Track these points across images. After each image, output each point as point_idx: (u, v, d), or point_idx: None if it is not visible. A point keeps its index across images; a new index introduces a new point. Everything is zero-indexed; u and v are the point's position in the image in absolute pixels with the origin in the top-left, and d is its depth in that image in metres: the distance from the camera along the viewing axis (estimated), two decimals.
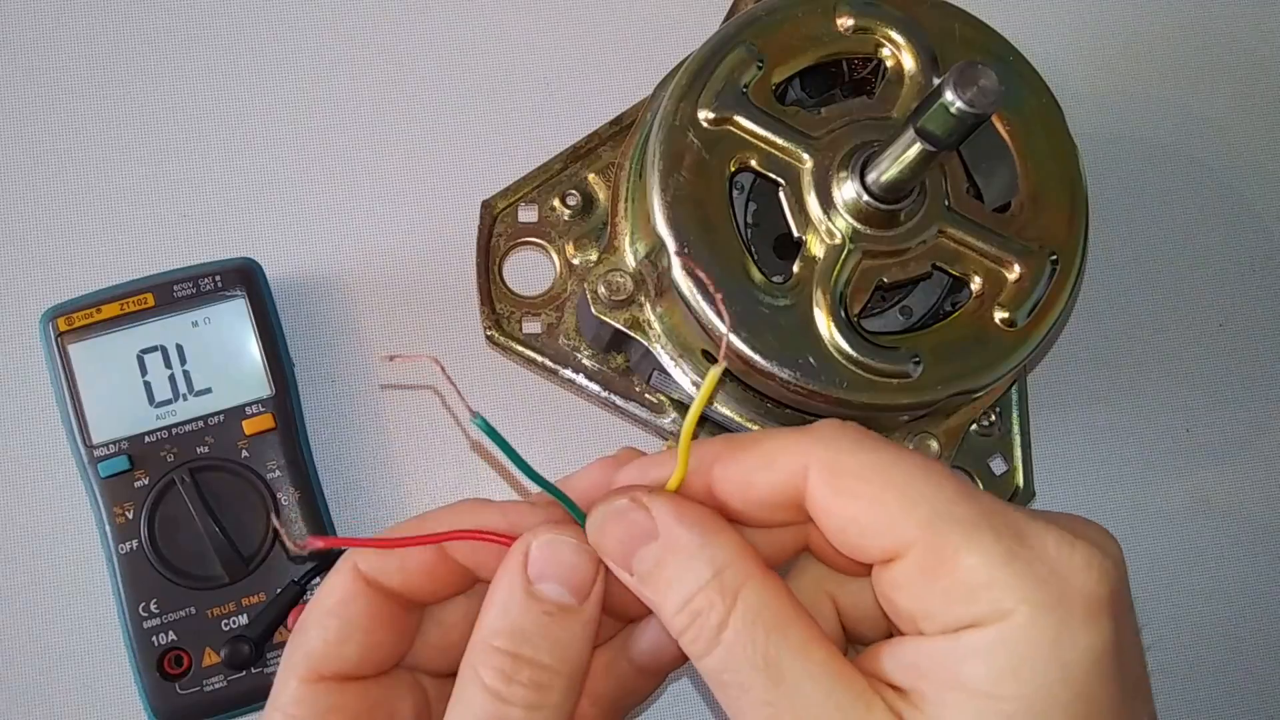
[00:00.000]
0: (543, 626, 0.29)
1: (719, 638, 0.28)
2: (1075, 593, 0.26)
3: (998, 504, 0.28)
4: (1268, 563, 0.54)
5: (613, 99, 0.52)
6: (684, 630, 0.28)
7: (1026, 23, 0.58)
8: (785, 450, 0.29)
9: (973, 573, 0.26)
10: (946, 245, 0.41)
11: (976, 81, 0.33)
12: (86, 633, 0.50)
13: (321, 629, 0.31)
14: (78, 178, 0.54)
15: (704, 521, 0.29)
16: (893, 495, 0.27)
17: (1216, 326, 0.56)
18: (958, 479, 0.28)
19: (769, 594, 0.28)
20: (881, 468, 0.28)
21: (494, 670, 0.29)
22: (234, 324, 0.49)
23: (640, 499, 0.30)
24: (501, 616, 0.30)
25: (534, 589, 0.30)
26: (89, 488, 0.47)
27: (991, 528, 0.26)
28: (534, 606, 0.29)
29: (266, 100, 0.55)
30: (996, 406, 0.51)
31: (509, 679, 0.29)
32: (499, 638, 0.29)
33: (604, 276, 0.43)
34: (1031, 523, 0.27)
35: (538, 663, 0.29)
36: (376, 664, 0.32)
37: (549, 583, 0.30)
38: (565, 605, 0.30)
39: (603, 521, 0.30)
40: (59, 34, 0.55)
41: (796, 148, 0.41)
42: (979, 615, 0.26)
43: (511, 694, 0.29)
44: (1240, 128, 0.58)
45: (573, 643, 0.30)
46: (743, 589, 0.28)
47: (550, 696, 0.29)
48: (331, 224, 0.54)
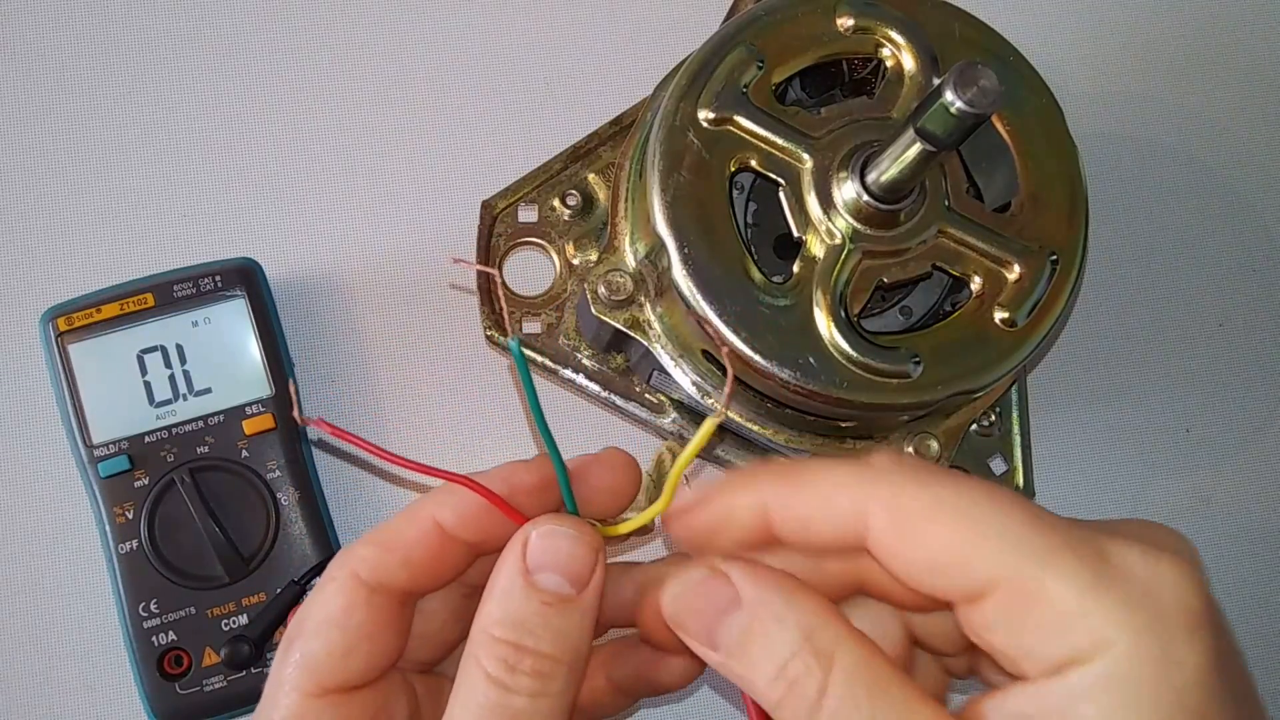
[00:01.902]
0: (543, 616, 0.29)
1: (820, 704, 0.27)
2: (1171, 610, 0.25)
3: (1074, 526, 0.27)
4: (1268, 563, 0.54)
5: (613, 99, 0.52)
6: (780, 701, 0.27)
7: (1026, 23, 0.58)
8: (843, 489, 0.28)
9: (1064, 603, 0.25)
10: (946, 245, 0.41)
11: (976, 81, 0.33)
12: (86, 633, 0.50)
13: (324, 640, 0.30)
14: (78, 178, 0.54)
15: (782, 582, 0.29)
16: (965, 533, 0.26)
17: (1216, 326, 0.56)
18: (1025, 503, 0.27)
19: (864, 653, 0.27)
20: (948, 503, 0.27)
21: (497, 660, 0.29)
22: (234, 324, 0.49)
23: (718, 566, 0.29)
24: (502, 607, 0.30)
25: (533, 579, 0.30)
26: (89, 488, 0.47)
27: (1074, 553, 0.26)
28: (534, 597, 0.30)
29: (266, 100, 0.55)
30: (996, 406, 0.51)
31: (512, 669, 0.29)
32: (499, 628, 0.29)
33: (604, 276, 0.43)
34: (1112, 541, 0.26)
35: (539, 652, 0.29)
36: (380, 668, 0.31)
37: (547, 573, 0.30)
38: (564, 595, 0.30)
39: (682, 596, 0.30)
40: (59, 34, 0.55)
41: (796, 148, 0.41)
42: (1079, 648, 0.25)
43: (516, 683, 0.29)
44: (1240, 128, 0.58)
45: (573, 632, 0.30)
46: (837, 651, 0.27)
47: (553, 685, 0.29)
48: (331, 224, 0.54)
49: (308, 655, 0.30)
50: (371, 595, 0.31)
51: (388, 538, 0.32)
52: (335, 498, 0.51)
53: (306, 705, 0.30)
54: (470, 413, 0.53)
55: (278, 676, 0.30)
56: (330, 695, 0.30)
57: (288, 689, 0.30)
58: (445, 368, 0.53)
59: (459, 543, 0.32)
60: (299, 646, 0.30)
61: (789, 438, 0.44)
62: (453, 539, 0.32)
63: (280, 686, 0.30)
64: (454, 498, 0.32)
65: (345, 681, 0.30)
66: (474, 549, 0.32)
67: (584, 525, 0.31)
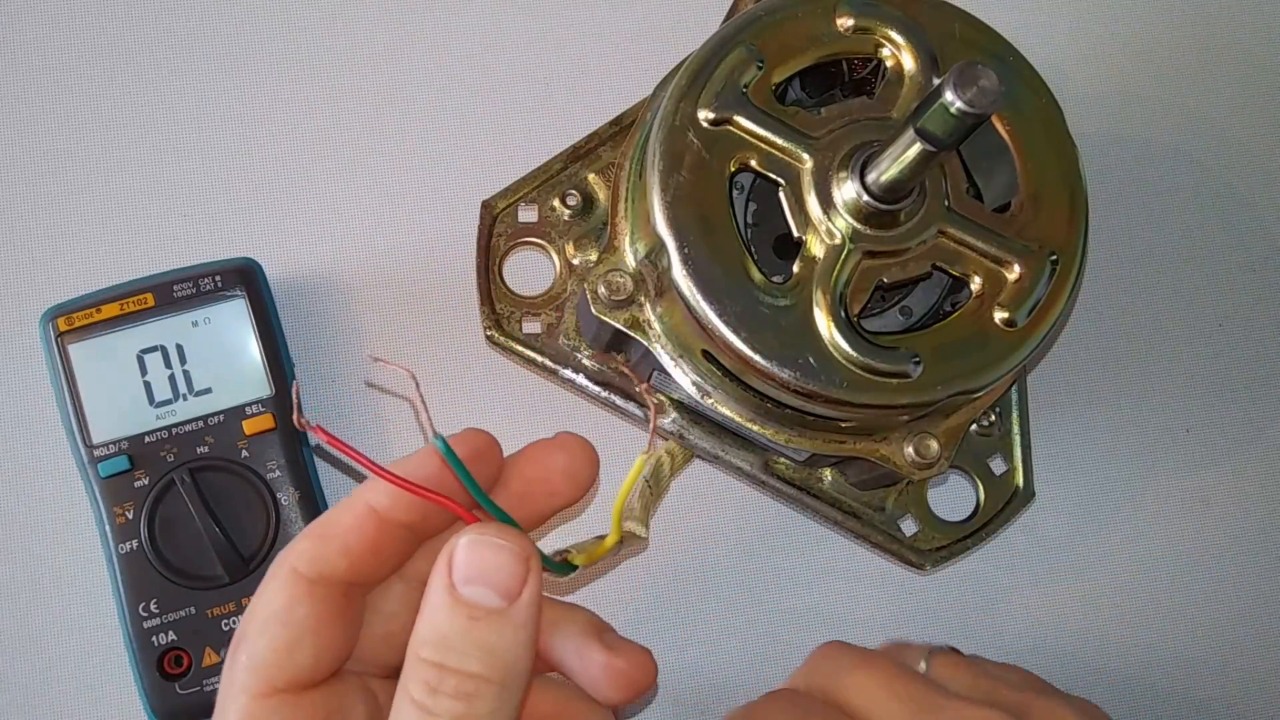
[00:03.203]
0: (468, 633, 0.28)
1: None
2: None
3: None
4: (1268, 563, 0.54)
5: (613, 99, 0.52)
6: None
7: (1026, 23, 0.58)
8: None
9: None
10: (946, 245, 0.41)
11: (976, 81, 0.33)
12: (86, 633, 0.50)
13: (269, 638, 0.30)
14: (78, 178, 0.54)
15: None
16: None
17: (1216, 326, 0.56)
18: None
19: None
20: None
21: (420, 683, 0.28)
22: (234, 324, 0.49)
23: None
24: (428, 626, 0.29)
25: (458, 594, 0.29)
26: (89, 488, 0.47)
27: None
28: (459, 612, 0.28)
29: (266, 100, 0.55)
30: (996, 406, 0.51)
31: (434, 690, 0.28)
32: (425, 648, 0.28)
33: (604, 276, 0.43)
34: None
35: (464, 671, 0.28)
36: (330, 665, 0.31)
37: (473, 586, 0.29)
38: (492, 609, 0.28)
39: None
40: (59, 34, 0.55)
41: (796, 148, 0.41)
42: None
43: (437, 706, 0.28)
44: (1240, 128, 0.58)
45: (503, 647, 0.28)
46: None
47: (479, 705, 0.28)
48: (331, 224, 0.54)
49: (253, 655, 0.30)
50: (312, 588, 0.30)
51: (323, 528, 0.31)
52: (335, 498, 0.51)
53: (256, 706, 0.29)
54: (470, 413, 0.53)
55: (227, 680, 0.30)
56: (280, 695, 0.29)
57: (236, 692, 0.29)
58: (445, 368, 0.53)
59: (397, 525, 0.31)
60: (244, 648, 0.30)
61: (789, 437, 0.44)
62: (390, 522, 0.31)
63: (229, 690, 0.30)
64: (376, 488, 0.31)
65: (294, 679, 0.30)
66: (416, 532, 0.31)
67: (513, 533, 0.30)
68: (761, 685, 0.51)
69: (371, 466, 0.30)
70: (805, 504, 0.50)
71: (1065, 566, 0.53)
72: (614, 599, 0.52)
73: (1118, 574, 0.53)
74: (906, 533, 0.51)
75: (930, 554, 0.51)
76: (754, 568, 0.52)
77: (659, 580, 0.52)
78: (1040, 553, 0.53)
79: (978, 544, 0.51)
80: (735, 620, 0.51)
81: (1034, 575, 0.53)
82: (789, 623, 0.52)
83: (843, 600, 0.52)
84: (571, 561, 0.35)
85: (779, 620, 0.52)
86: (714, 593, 0.52)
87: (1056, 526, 0.53)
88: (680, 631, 0.51)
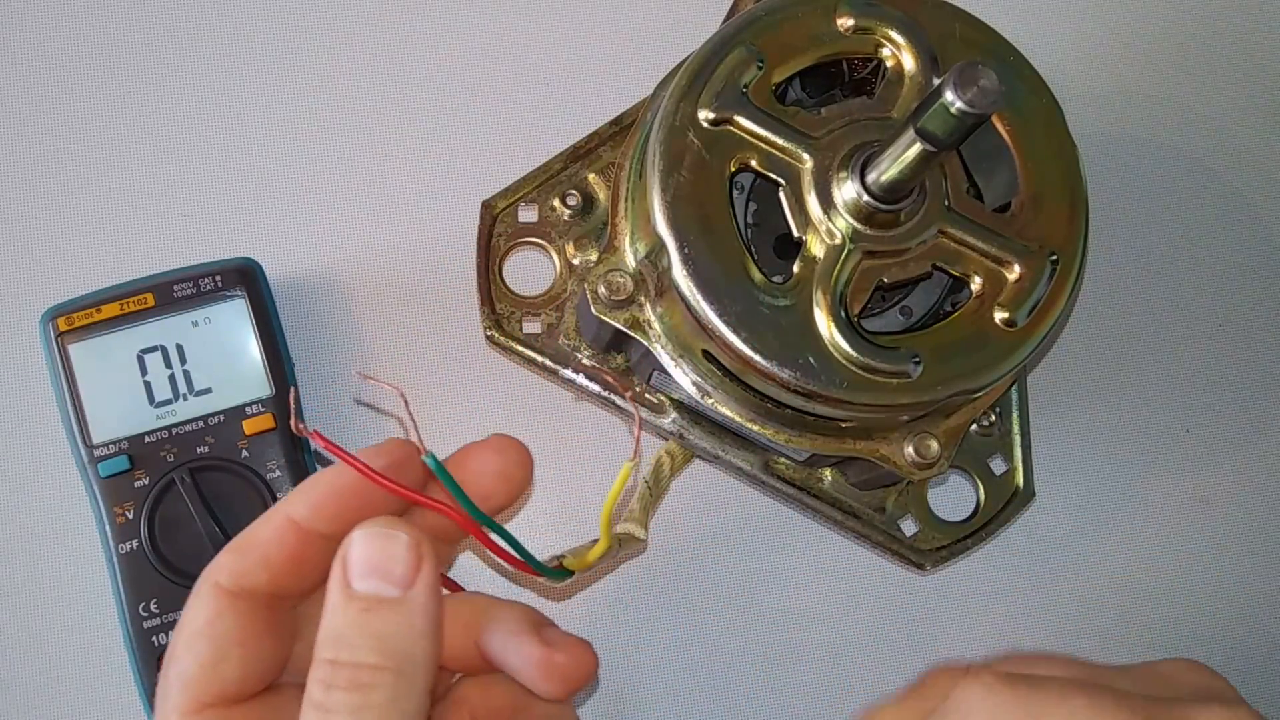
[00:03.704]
0: (361, 625, 0.28)
1: None
2: None
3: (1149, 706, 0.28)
4: (1268, 563, 0.54)
5: (613, 99, 0.52)
6: None
7: (1026, 23, 0.58)
8: None
9: None
10: (947, 245, 0.41)
11: (976, 81, 0.33)
12: (86, 633, 0.50)
13: (194, 653, 0.29)
14: (78, 178, 0.54)
15: None
16: None
17: (1216, 326, 0.56)
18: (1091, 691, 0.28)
19: None
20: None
21: (317, 683, 0.28)
22: (234, 324, 0.49)
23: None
24: (325, 627, 0.28)
25: (352, 590, 0.28)
26: (89, 488, 0.47)
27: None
28: (353, 606, 0.28)
29: (267, 100, 0.55)
30: (996, 406, 0.51)
31: (329, 687, 0.27)
32: (323, 648, 0.28)
33: (604, 276, 0.43)
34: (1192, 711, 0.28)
35: (357, 663, 0.28)
36: (260, 677, 0.30)
37: (367, 579, 0.28)
38: (383, 598, 0.28)
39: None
40: (59, 34, 0.55)
41: (796, 148, 0.41)
42: None
43: (331, 700, 0.27)
44: (1240, 128, 0.58)
45: (397, 635, 0.28)
46: None
47: (375, 695, 0.27)
48: (331, 224, 0.54)
49: (180, 672, 0.29)
50: (235, 601, 0.30)
51: (244, 542, 0.31)
52: None
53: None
54: (470, 413, 0.53)
55: (160, 698, 0.30)
56: (209, 710, 0.29)
57: (169, 710, 0.29)
58: (445, 368, 0.53)
59: (318, 536, 0.31)
60: (172, 667, 0.30)
61: (789, 437, 0.44)
62: (310, 533, 0.31)
63: (163, 708, 0.29)
64: (308, 492, 0.31)
65: (222, 694, 0.29)
66: (338, 543, 0.31)
67: (400, 523, 0.30)
68: (762, 685, 0.51)
69: (368, 472, 0.30)
70: (805, 504, 0.50)
71: (1065, 566, 0.53)
72: (614, 599, 0.52)
73: (1118, 574, 0.53)
74: (906, 533, 0.51)
75: (930, 554, 0.51)
76: (754, 568, 0.52)
77: (659, 580, 0.52)
78: (1040, 553, 0.53)
79: (978, 544, 0.51)
80: (735, 620, 0.51)
81: (1034, 575, 0.53)
82: (789, 623, 0.52)
83: (843, 600, 0.52)
84: (566, 566, 0.35)
85: (779, 620, 0.52)
86: (714, 593, 0.52)
87: (1056, 526, 0.53)
88: (680, 631, 0.51)
